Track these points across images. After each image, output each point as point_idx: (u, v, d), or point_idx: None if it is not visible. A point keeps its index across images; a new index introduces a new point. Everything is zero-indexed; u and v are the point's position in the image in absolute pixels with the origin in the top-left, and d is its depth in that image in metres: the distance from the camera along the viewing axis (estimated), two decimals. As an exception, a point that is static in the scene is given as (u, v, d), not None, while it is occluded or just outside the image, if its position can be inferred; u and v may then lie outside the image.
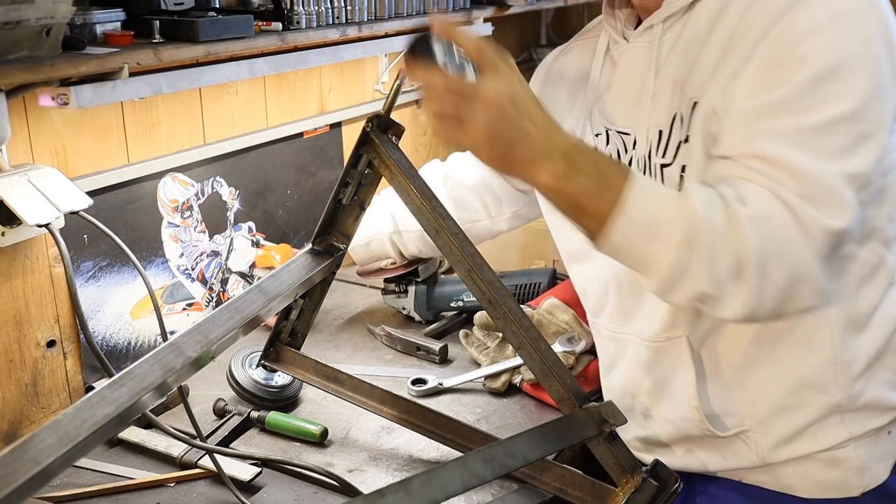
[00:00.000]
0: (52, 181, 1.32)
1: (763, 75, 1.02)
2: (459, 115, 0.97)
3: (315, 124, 1.95)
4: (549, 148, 0.98)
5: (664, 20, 1.15)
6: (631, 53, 1.21)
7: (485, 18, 2.15)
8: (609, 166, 1.01)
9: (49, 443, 0.81)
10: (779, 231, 0.97)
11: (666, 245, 0.98)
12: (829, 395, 1.15)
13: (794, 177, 0.97)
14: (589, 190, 0.99)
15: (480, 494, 1.22)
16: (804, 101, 0.99)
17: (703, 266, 0.97)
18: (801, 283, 0.99)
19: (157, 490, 1.24)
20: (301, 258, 1.26)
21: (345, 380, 1.35)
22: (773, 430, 1.18)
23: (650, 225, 0.98)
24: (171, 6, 1.39)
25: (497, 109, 0.96)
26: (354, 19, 1.70)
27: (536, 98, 1.00)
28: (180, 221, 1.66)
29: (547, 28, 3.01)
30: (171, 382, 0.96)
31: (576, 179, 0.98)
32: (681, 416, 1.21)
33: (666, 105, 1.14)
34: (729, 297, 0.99)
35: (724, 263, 0.97)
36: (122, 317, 1.55)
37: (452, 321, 1.75)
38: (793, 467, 1.19)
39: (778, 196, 0.98)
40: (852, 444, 1.17)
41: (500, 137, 0.97)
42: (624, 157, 1.21)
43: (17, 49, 1.14)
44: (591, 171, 0.99)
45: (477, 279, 1.11)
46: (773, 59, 1.01)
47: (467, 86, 0.97)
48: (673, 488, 1.05)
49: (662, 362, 1.22)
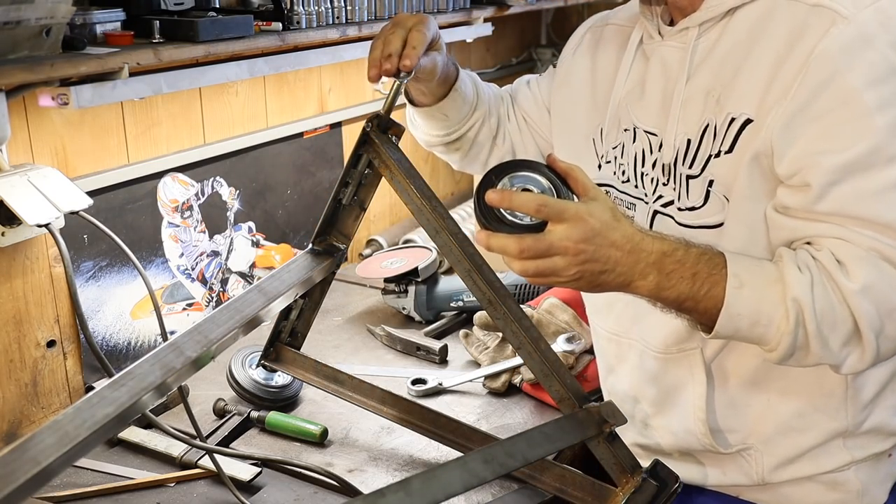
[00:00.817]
0: (52, 181, 1.32)
1: (839, 121, 0.99)
2: (544, 272, 0.99)
3: (315, 124, 1.95)
4: (639, 267, 1.00)
5: (700, 24, 1.12)
6: (664, 52, 1.17)
7: (485, 18, 2.15)
8: (703, 266, 1.01)
9: (49, 443, 0.81)
10: (889, 294, 0.98)
11: (776, 333, 1.00)
12: (837, 420, 1.15)
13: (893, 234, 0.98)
14: (688, 295, 1.01)
15: (480, 494, 1.22)
16: (891, 151, 0.97)
17: (817, 346, 0.99)
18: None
19: (157, 490, 1.24)
20: (301, 258, 1.26)
21: (345, 380, 1.35)
22: (776, 450, 1.17)
23: (756, 318, 1.00)
24: (171, 6, 1.39)
25: (576, 256, 0.98)
26: (354, 19, 1.70)
27: (611, 218, 1.00)
28: (180, 221, 1.66)
29: (547, 28, 3.01)
30: (171, 382, 0.96)
31: (673, 288, 1.01)
32: (685, 428, 1.21)
33: (697, 114, 1.11)
34: (847, 358, 1.01)
35: (836, 337, 0.99)
36: (122, 317, 1.55)
37: (452, 321, 1.75)
38: (792, 487, 1.19)
39: (883, 256, 0.98)
40: (853, 468, 1.17)
41: (589, 274, 1.00)
42: (649, 158, 1.18)
43: (17, 49, 1.14)
44: (687, 276, 1.01)
45: (477, 279, 1.11)
46: (846, 100, 0.98)
47: (541, 244, 0.98)
48: (673, 488, 1.05)
49: (671, 373, 1.20)
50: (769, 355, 1.03)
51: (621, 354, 1.28)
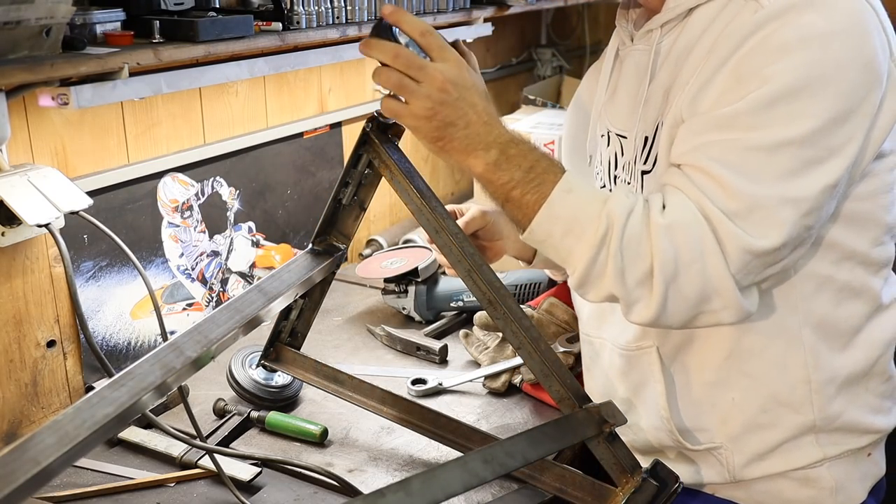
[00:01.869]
0: (52, 181, 1.32)
1: (726, 89, 1.02)
2: (404, 86, 1.02)
3: (315, 124, 1.95)
4: (487, 137, 1.04)
5: (662, 25, 1.15)
6: (635, 56, 1.21)
7: (485, 18, 2.15)
8: (542, 163, 1.04)
9: (49, 443, 0.81)
10: (693, 243, 0.97)
11: (582, 245, 1.00)
12: (802, 414, 1.15)
13: (727, 194, 0.98)
14: (518, 182, 1.03)
15: (480, 494, 1.22)
16: (755, 120, 0.98)
17: (614, 270, 0.99)
18: (714, 296, 0.99)
19: (157, 490, 1.24)
20: (301, 258, 1.26)
21: (345, 380, 1.35)
22: (745, 448, 1.17)
23: (570, 224, 1.01)
24: (171, 6, 1.39)
25: (440, 89, 1.02)
26: (354, 19, 1.70)
27: (484, 90, 1.05)
28: (180, 221, 1.66)
29: (547, 28, 3.01)
30: (171, 382, 0.96)
31: (507, 170, 1.03)
32: (653, 425, 1.21)
33: (655, 112, 1.14)
34: (636, 302, 1.01)
35: (633, 269, 0.99)
36: (122, 317, 1.55)
37: (452, 321, 1.75)
38: (764, 485, 1.19)
39: (702, 209, 0.98)
40: (826, 465, 1.17)
41: (440, 117, 1.03)
42: (621, 160, 1.21)
43: (17, 49, 1.14)
44: (524, 165, 1.03)
45: (477, 279, 1.11)
46: (738, 75, 1.01)
47: (417, 60, 1.02)
48: (673, 488, 1.05)
49: (635, 371, 1.22)
50: (570, 275, 1.04)
51: (594, 355, 1.31)
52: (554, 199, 1.02)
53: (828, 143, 0.98)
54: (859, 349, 1.16)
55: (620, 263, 0.99)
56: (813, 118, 0.97)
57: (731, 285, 0.98)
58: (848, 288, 1.13)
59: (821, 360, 1.13)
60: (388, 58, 1.03)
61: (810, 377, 1.13)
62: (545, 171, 1.03)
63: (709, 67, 1.04)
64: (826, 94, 0.98)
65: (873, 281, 1.15)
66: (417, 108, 1.03)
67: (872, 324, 1.16)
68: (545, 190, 1.02)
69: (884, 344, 1.18)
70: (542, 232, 1.03)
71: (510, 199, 1.05)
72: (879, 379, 1.19)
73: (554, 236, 1.03)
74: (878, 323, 1.17)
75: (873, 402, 1.19)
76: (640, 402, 1.22)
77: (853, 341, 1.15)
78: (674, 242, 0.97)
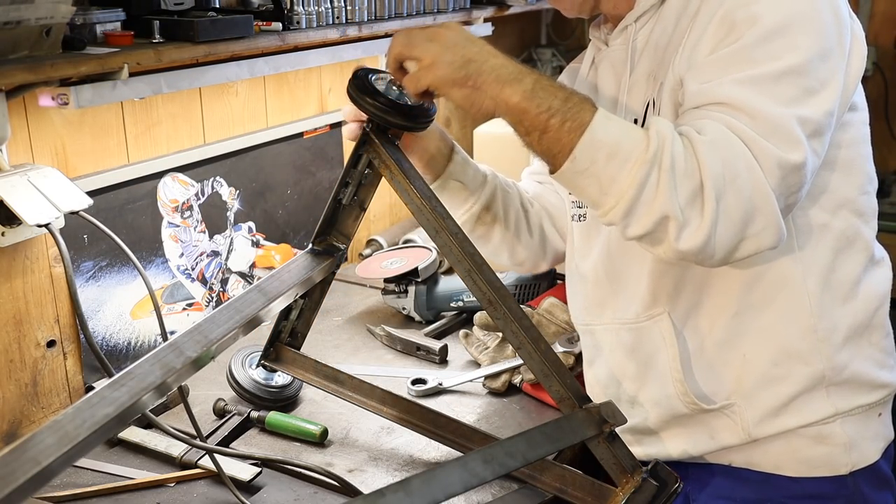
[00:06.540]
0: (52, 181, 1.32)
1: (720, 36, 1.06)
2: (422, 51, 1.06)
3: (315, 124, 1.95)
4: (514, 69, 1.05)
5: (637, 19, 1.20)
6: (611, 56, 1.26)
7: (485, 18, 2.15)
8: (577, 95, 1.05)
9: (49, 443, 0.81)
10: (735, 159, 0.99)
11: (632, 165, 0.99)
12: (811, 365, 1.17)
13: (750, 116, 1.01)
14: (557, 110, 1.02)
15: (480, 494, 1.22)
16: (756, 53, 1.03)
17: (668, 187, 0.98)
18: (758, 214, 1.00)
19: (157, 490, 1.25)
20: (301, 258, 1.26)
21: (345, 380, 1.35)
22: (758, 403, 1.19)
23: (615, 148, 1.00)
24: (171, 6, 1.39)
25: (461, 33, 1.06)
26: (354, 19, 1.70)
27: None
28: (180, 221, 1.66)
29: (547, 28, 3.01)
30: (171, 382, 0.96)
31: (545, 98, 1.03)
32: (667, 394, 1.22)
33: (641, 95, 1.18)
34: (686, 224, 0.99)
35: (684, 186, 0.98)
36: (122, 317, 1.55)
37: (452, 321, 1.75)
38: (779, 444, 1.19)
39: (734, 129, 1.00)
40: (839, 420, 1.18)
41: (456, 57, 1.05)
42: None
43: (17, 49, 1.14)
44: (560, 95, 1.03)
45: (477, 279, 1.11)
46: (729, 21, 1.06)
47: (411, 37, 1.08)
48: (673, 488, 1.05)
49: (645, 343, 1.23)
50: (614, 204, 1.02)
51: (596, 343, 1.31)
52: (596, 125, 1.01)
53: (818, 75, 1.04)
54: (859, 300, 1.19)
55: (673, 181, 0.98)
56: (804, 50, 1.03)
57: (773, 201, 1.00)
58: (844, 237, 1.18)
59: (825, 309, 1.17)
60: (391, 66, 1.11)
61: (816, 326, 1.16)
62: (582, 101, 1.03)
63: (696, 29, 1.09)
64: (809, 30, 1.04)
65: (865, 230, 1.20)
66: (430, 58, 1.06)
67: (868, 276, 1.20)
68: (585, 117, 1.01)
69: (879, 297, 1.22)
70: (586, 159, 1.01)
71: (548, 128, 1.03)
72: (880, 333, 1.22)
73: (598, 162, 1.01)
74: (873, 275, 1.21)
75: (877, 356, 1.21)
76: (653, 373, 1.23)
77: (853, 292, 1.19)
78: (719, 156, 0.98)
